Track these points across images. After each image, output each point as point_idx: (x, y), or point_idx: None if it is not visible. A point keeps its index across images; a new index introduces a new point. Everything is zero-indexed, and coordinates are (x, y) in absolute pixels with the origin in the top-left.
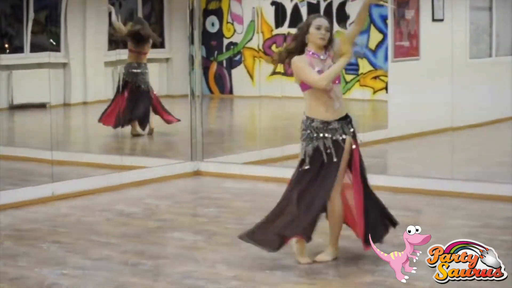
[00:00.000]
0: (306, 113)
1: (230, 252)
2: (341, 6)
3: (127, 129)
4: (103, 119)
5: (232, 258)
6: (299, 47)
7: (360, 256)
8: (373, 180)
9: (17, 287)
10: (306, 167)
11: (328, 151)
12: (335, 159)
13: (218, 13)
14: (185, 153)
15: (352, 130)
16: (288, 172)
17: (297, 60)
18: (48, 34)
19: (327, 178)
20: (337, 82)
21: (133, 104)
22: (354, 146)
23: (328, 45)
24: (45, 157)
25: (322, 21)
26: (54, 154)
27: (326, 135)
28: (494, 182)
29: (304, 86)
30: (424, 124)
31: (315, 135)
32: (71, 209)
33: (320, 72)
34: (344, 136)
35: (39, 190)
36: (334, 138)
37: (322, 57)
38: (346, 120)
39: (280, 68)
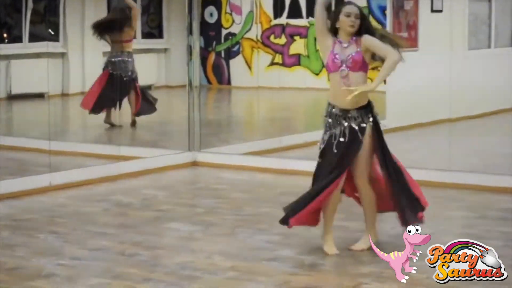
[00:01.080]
0: (328, 99)
1: (227, 243)
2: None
3: (125, 119)
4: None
5: (229, 249)
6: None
7: None
8: None
9: (14, 277)
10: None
11: (342, 139)
12: (350, 148)
13: (217, 3)
14: (183, 144)
15: (371, 119)
16: (285, 162)
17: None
18: (47, 24)
19: (335, 167)
20: (354, 70)
21: (109, 91)
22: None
23: (358, 33)
24: (43, 147)
25: (352, 9)
26: (52, 144)
27: (345, 123)
28: (492, 173)
29: (327, 68)
30: (422, 115)
31: (337, 122)
32: (68, 199)
33: (335, 55)
34: (363, 125)
35: (37, 180)
36: (352, 126)
37: (344, 44)
38: (366, 109)
39: (278, 58)
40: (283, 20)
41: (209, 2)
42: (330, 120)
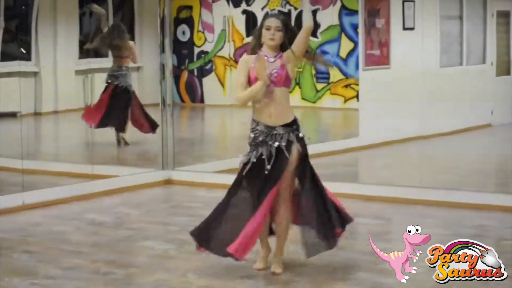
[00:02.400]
0: (253, 115)
1: (202, 261)
2: (312, 15)
3: (98, 138)
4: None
5: (203, 267)
6: (255, 47)
7: (332, 264)
8: (344, 188)
9: None
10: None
11: (269, 158)
12: (276, 169)
13: (189, 21)
14: (157, 162)
15: (299, 136)
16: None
17: (241, 59)
18: (19, 43)
19: (262, 190)
20: (278, 85)
21: (114, 105)
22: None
23: (284, 46)
24: (16, 166)
25: (272, 21)
26: (25, 163)
27: (270, 142)
28: (464, 190)
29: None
30: (395, 132)
31: (260, 139)
32: (42, 218)
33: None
34: (288, 143)
35: (10, 199)
36: (278, 144)
37: (271, 59)
38: (292, 126)
39: None
40: None
41: (182, 21)
42: (258, 138)
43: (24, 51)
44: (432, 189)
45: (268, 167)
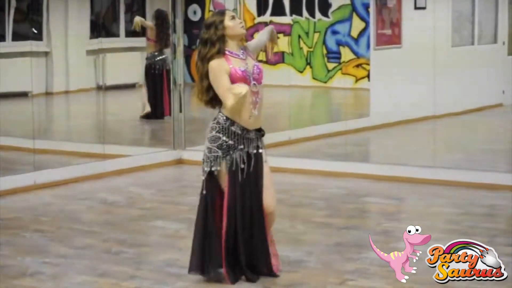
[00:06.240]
0: (224, 112)
1: None
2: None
3: (110, 117)
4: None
5: None
6: (221, 50)
7: (342, 243)
8: (356, 168)
9: None
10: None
11: (243, 166)
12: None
13: (200, 1)
14: (168, 142)
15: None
16: (269, 160)
17: (214, 65)
18: (30, 23)
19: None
20: (259, 82)
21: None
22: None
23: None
24: (27, 145)
25: (230, 12)
26: (36, 142)
27: (242, 146)
28: (476, 169)
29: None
30: (406, 112)
31: (231, 143)
32: (53, 198)
33: (244, 72)
34: (260, 150)
35: (21, 179)
36: (249, 151)
37: (242, 56)
38: (261, 132)
39: (262, 56)
40: (266, 17)
41: (193, 0)
42: (229, 141)
43: (35, 31)
44: (444, 169)
45: (243, 165)
